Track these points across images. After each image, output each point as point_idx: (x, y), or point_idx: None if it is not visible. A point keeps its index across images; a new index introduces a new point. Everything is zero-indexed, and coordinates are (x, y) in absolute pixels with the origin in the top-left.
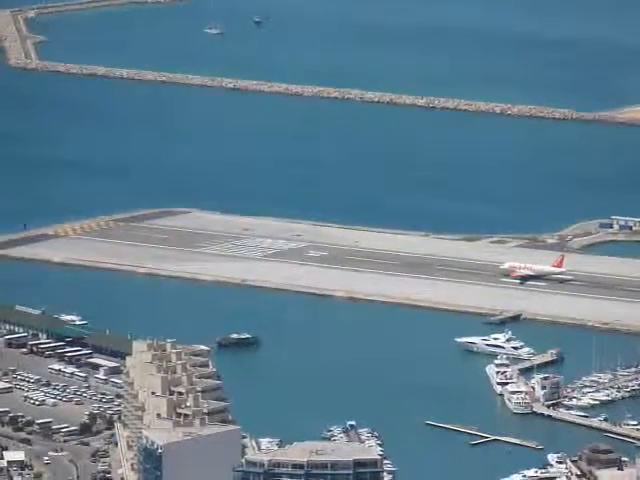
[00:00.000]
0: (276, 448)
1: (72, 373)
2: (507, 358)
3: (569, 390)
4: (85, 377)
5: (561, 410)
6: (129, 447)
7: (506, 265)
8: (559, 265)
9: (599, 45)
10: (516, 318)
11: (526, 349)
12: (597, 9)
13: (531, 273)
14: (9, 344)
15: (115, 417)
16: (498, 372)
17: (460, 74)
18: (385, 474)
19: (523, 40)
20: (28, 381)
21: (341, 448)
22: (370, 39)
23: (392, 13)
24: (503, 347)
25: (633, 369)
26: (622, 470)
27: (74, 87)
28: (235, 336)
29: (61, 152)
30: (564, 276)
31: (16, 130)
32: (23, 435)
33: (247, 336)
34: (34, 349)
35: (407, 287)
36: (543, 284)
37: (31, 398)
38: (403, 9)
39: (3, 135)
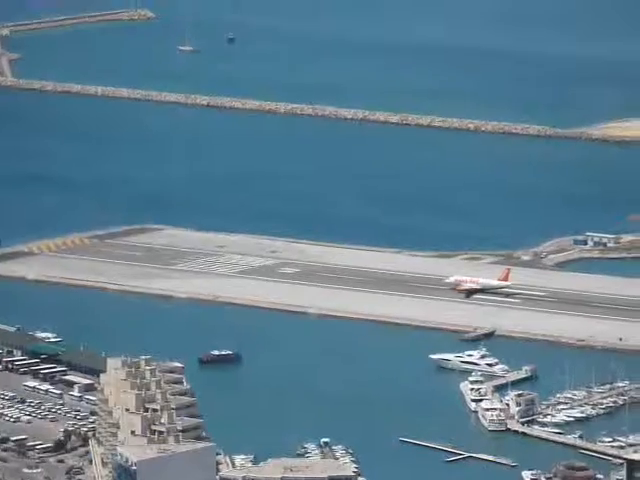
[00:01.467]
0: (250, 465)
1: (47, 390)
2: (481, 375)
3: (544, 407)
4: (60, 394)
5: (536, 427)
6: (104, 464)
7: (452, 279)
8: (505, 279)
9: (571, 60)
10: (490, 335)
11: (500, 366)
12: (568, 25)
13: (477, 287)
14: None
15: (90, 434)
16: (472, 389)
17: (434, 91)
18: None
19: (495, 56)
20: (3, 398)
21: (315, 465)
22: (344, 56)
23: (367, 30)
24: (477, 364)
25: (608, 386)
26: None
27: (49, 104)
28: (216, 352)
29: (35, 169)
30: (510, 290)
31: None
32: None
33: (229, 352)
34: (9, 366)
35: (381, 304)
36: (518, 301)
37: (6, 415)
38: (378, 26)
39: None
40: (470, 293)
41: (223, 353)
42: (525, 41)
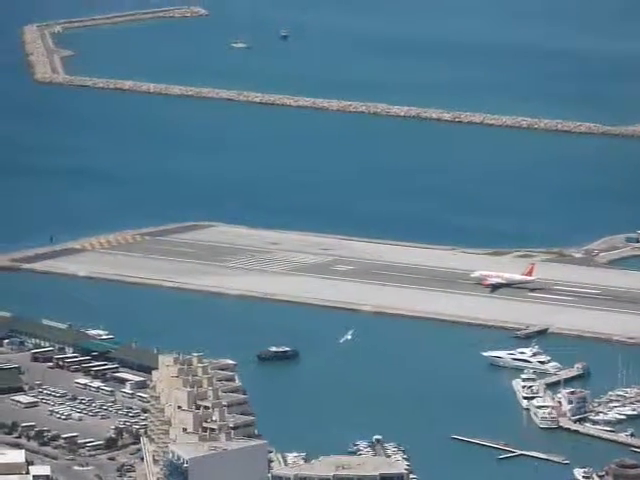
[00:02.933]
0: (302, 462)
1: (98, 387)
2: (533, 372)
3: (595, 405)
4: (111, 391)
5: (587, 425)
6: (155, 461)
7: (477, 273)
8: (529, 273)
9: (624, 58)
10: (543, 332)
11: (552, 363)
12: (609, 23)
13: (502, 281)
14: (35, 358)
15: (141, 431)
16: (524, 386)
17: (485, 88)
18: None
19: (546, 54)
20: (54, 395)
21: (367, 462)
22: (396, 53)
23: (418, 27)
24: (530, 361)
25: None
26: None
27: (101, 101)
28: (274, 349)
29: (88, 166)
30: (534, 285)
31: (43, 144)
32: (49, 449)
33: (287, 349)
34: (60, 363)
35: (434, 301)
36: (571, 298)
37: (57, 412)
38: (429, 23)
39: (30, 149)
40: (495, 288)
41: (281, 350)
42: (579, 38)
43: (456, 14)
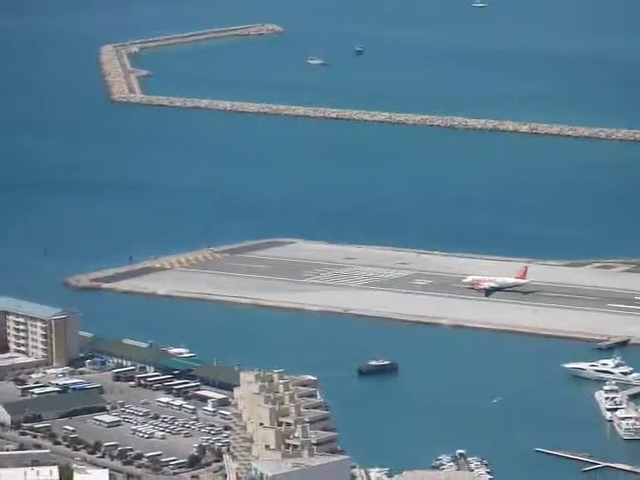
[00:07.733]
0: (385, 478)
1: (180, 405)
2: (616, 384)
3: None
4: (193, 409)
5: None
6: (238, 479)
7: (469, 278)
8: (522, 277)
9: None
10: (624, 343)
11: (635, 374)
12: None
13: (495, 285)
14: (117, 377)
15: (224, 449)
16: (607, 398)
17: (562, 99)
18: None
19: (620, 64)
20: (136, 414)
21: (451, 477)
22: (471, 65)
23: (491, 39)
24: (612, 373)
25: None
26: None
27: (178, 120)
28: (374, 363)
29: (166, 185)
30: (528, 288)
31: (120, 163)
32: (132, 468)
33: (386, 362)
34: (142, 382)
35: (513, 314)
36: None
37: (140, 431)
38: (501, 36)
39: (109, 168)
40: (488, 292)
41: (381, 363)
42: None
43: (528, 25)
